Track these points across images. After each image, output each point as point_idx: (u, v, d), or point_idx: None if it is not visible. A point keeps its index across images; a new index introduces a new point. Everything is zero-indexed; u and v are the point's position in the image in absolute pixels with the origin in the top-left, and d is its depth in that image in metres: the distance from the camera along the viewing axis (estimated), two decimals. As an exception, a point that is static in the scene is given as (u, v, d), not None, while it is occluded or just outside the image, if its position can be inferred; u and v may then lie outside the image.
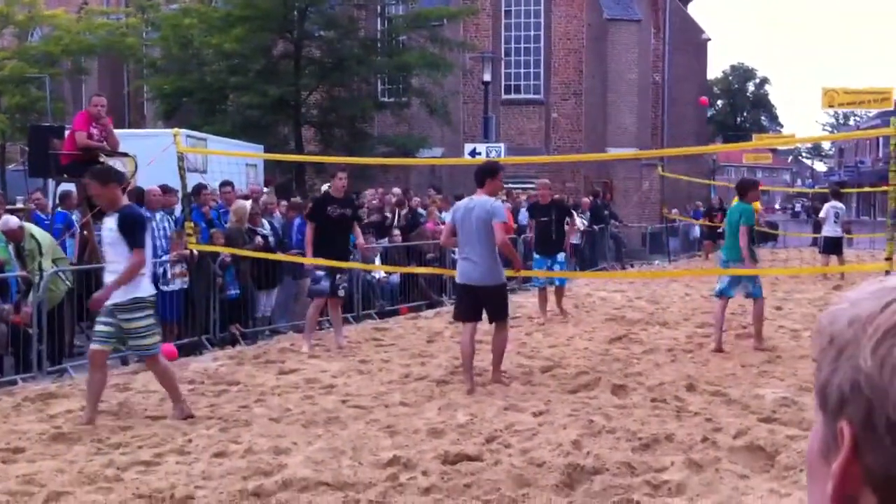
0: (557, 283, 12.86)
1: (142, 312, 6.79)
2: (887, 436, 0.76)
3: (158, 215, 11.22)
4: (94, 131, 9.89)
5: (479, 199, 8.00)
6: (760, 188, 12.13)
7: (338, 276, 10.42)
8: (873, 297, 0.83)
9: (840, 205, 18.97)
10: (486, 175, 8.17)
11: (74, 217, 11.43)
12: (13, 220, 9.73)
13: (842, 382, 0.81)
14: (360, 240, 11.18)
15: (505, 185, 25.54)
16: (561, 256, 12.63)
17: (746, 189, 10.45)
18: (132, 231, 6.75)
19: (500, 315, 8.17)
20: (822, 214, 19.15)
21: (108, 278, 6.82)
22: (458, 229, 8.06)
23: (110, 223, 6.83)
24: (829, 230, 18.28)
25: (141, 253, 6.75)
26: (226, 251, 10.98)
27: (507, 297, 8.42)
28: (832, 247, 18.28)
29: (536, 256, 12.86)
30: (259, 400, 7.63)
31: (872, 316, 0.80)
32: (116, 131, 10.73)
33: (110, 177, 7.06)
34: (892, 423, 0.75)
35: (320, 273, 10.31)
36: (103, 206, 7.09)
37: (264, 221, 12.61)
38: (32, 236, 9.53)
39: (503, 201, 19.10)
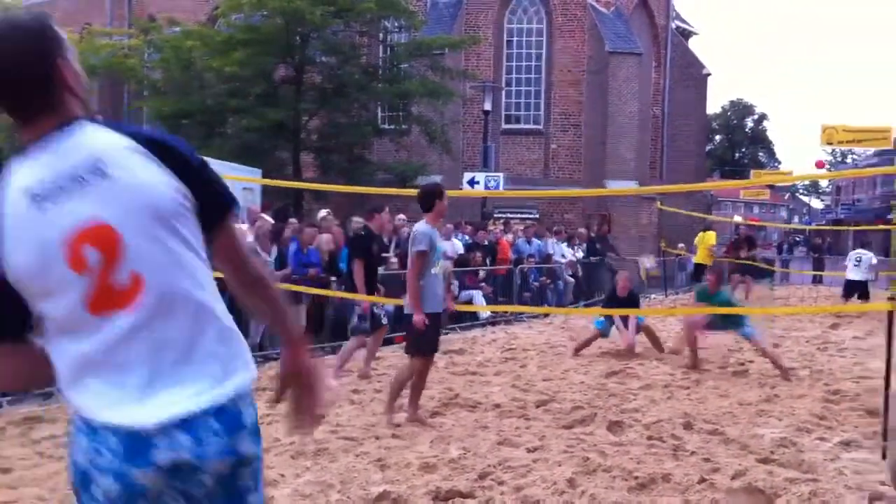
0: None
1: None
2: None
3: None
4: None
5: (416, 226, 7.84)
6: (756, 223, 12.39)
7: (375, 307, 10.32)
8: None
9: (863, 251, 19.27)
10: (433, 198, 7.75)
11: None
12: None
13: None
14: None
15: (503, 216, 25.71)
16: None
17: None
18: None
19: (408, 348, 7.90)
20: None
21: None
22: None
23: None
24: (852, 274, 18.60)
25: None
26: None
27: (422, 332, 7.55)
28: (852, 290, 18.56)
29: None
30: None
31: None
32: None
33: None
34: None
35: (365, 311, 10.22)
36: None
37: (272, 247, 12.49)
38: None
39: (488, 230, 19.10)
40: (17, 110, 2.17)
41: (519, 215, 27.71)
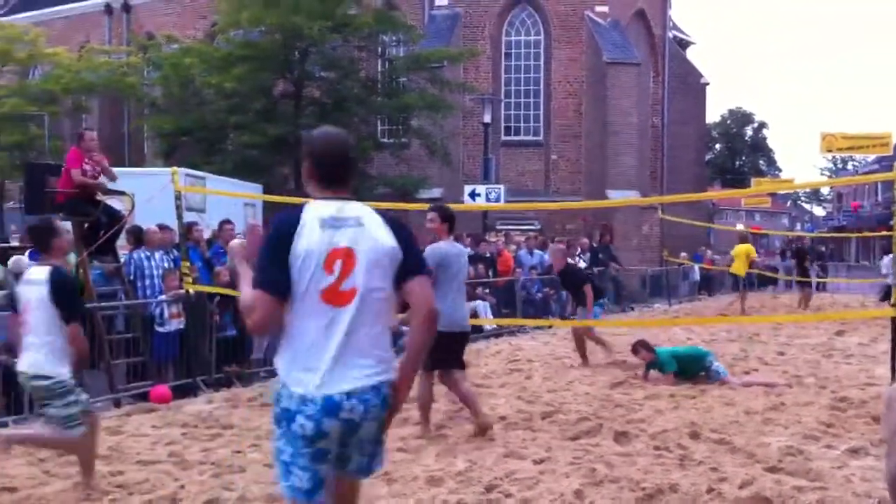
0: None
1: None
2: None
3: (157, 254, 11.13)
4: (87, 167, 9.80)
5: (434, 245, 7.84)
6: (760, 232, 12.31)
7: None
8: None
9: None
10: (454, 220, 7.94)
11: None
12: (24, 261, 9.67)
13: None
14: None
15: (504, 227, 25.73)
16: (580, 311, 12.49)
17: None
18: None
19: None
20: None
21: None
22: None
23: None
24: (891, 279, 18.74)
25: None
26: (225, 293, 10.84)
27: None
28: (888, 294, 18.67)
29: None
30: (254, 444, 7.46)
31: None
32: (115, 170, 10.62)
33: None
34: None
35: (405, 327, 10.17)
36: None
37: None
38: None
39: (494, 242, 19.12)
40: (337, 181, 3.60)
41: (520, 227, 27.70)
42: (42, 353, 5.83)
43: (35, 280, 5.91)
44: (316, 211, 3.46)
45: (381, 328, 3.48)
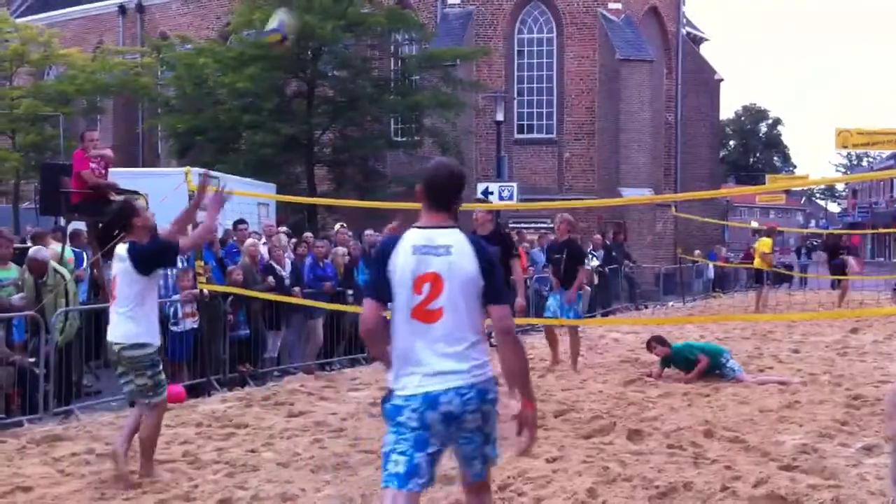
0: (572, 316, 11.87)
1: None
2: None
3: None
4: (93, 165, 9.86)
5: None
6: (777, 229, 12.13)
7: None
8: None
9: None
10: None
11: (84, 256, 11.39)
12: (45, 252, 9.70)
13: None
14: (515, 274, 10.96)
15: (517, 226, 25.69)
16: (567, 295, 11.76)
17: None
18: None
19: None
20: None
21: None
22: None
23: None
24: None
25: None
26: (239, 292, 10.87)
27: None
28: None
29: (550, 295, 12.32)
30: (267, 443, 7.49)
31: None
32: (130, 170, 10.69)
33: None
34: None
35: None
36: None
37: (286, 261, 12.48)
38: (56, 272, 9.51)
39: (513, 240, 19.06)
40: (439, 204, 4.07)
41: (533, 225, 27.65)
42: (132, 324, 6.22)
43: (120, 255, 6.37)
44: (411, 238, 3.98)
45: (470, 336, 3.93)
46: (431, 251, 3.93)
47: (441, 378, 3.86)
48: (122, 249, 6.41)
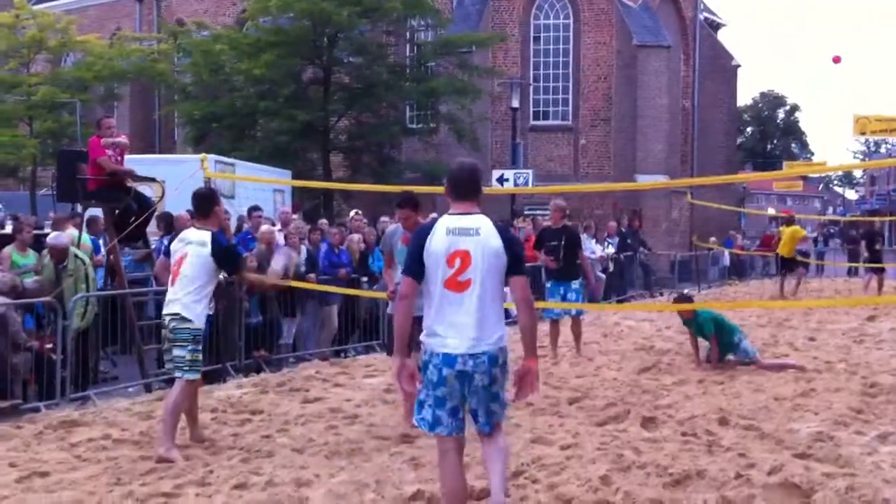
0: (574, 313, 11.90)
1: None
2: None
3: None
4: (109, 151, 9.89)
5: None
6: (794, 216, 12.05)
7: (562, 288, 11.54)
8: None
9: None
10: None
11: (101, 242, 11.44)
12: (63, 237, 9.75)
13: None
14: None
15: (532, 213, 25.64)
16: (576, 284, 11.67)
17: None
18: None
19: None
20: None
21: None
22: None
23: None
24: None
25: None
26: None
27: None
28: None
29: (549, 284, 12.05)
30: (282, 429, 7.53)
31: None
32: (147, 157, 10.72)
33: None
34: None
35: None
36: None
37: (303, 248, 12.47)
38: (77, 257, 9.57)
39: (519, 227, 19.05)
40: (463, 196, 4.84)
41: (548, 212, 27.60)
42: (191, 300, 6.75)
43: (195, 240, 6.86)
44: (445, 222, 4.76)
45: (491, 308, 4.68)
46: (464, 232, 4.68)
47: (460, 341, 4.62)
48: (198, 235, 6.88)
